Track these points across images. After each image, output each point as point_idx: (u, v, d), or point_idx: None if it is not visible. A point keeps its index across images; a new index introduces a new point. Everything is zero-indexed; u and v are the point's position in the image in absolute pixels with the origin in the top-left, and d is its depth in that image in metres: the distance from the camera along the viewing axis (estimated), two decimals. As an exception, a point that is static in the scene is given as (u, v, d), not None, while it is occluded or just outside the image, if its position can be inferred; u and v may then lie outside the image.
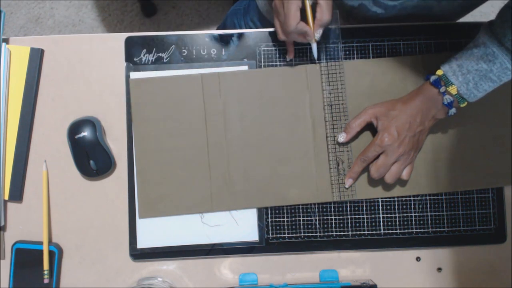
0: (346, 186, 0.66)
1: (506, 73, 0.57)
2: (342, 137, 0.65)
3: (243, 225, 0.67)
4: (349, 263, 0.68)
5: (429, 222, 0.67)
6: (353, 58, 0.69)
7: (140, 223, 0.66)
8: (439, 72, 0.61)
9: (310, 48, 0.67)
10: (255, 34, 0.69)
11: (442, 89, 0.60)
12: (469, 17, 0.76)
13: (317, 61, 0.67)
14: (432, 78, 0.61)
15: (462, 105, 0.61)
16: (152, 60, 0.68)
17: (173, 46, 0.69)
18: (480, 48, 0.58)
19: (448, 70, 0.60)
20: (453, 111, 0.61)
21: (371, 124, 0.64)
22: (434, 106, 0.62)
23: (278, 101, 0.67)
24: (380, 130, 0.62)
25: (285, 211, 0.67)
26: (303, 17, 0.60)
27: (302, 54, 0.68)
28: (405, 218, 0.67)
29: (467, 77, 0.58)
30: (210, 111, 0.67)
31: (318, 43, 0.63)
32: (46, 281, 0.64)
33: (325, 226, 0.67)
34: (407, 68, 0.68)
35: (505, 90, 0.68)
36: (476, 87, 0.59)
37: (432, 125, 0.64)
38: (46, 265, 0.64)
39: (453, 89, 0.59)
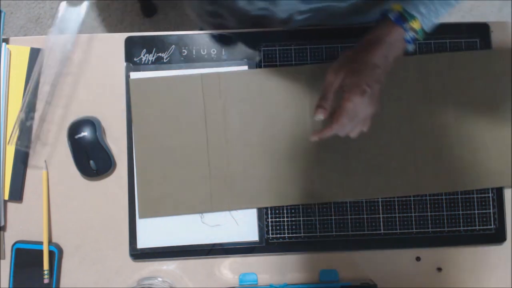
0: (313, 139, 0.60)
1: None
2: (321, 114, 0.57)
3: (243, 225, 0.67)
4: (349, 263, 0.68)
5: (429, 222, 0.67)
6: (353, 58, 0.69)
7: (140, 223, 0.66)
8: (397, 7, 0.57)
9: (309, 49, 0.68)
10: (255, 34, 0.69)
11: (406, 25, 0.57)
12: (469, 17, 0.76)
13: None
14: (393, 15, 0.57)
15: (420, 37, 0.58)
16: (152, 60, 0.68)
17: (173, 46, 0.69)
18: None
19: (407, 4, 0.57)
20: (412, 46, 0.59)
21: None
22: (396, 45, 0.58)
23: (278, 101, 0.67)
24: (347, 91, 0.56)
25: (285, 211, 0.67)
26: None
27: (302, 54, 0.68)
28: (405, 218, 0.67)
29: (430, 7, 0.56)
30: (210, 111, 0.67)
31: None
32: (46, 281, 0.64)
33: (325, 226, 0.67)
34: (407, 68, 0.68)
35: (505, 90, 0.68)
36: (437, 15, 0.56)
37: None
38: (46, 265, 0.64)
39: (416, 23, 0.57)
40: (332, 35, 0.69)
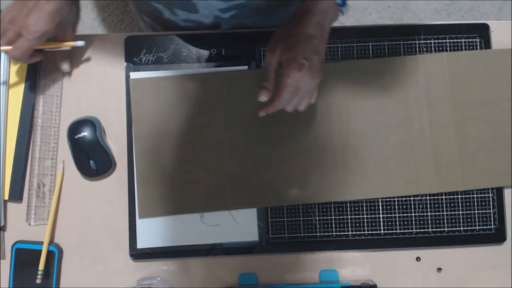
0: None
1: None
2: (264, 95, 0.57)
3: (243, 225, 0.67)
4: (349, 263, 0.68)
5: (429, 222, 0.67)
6: (353, 58, 0.69)
7: (140, 223, 0.66)
8: None
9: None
10: (255, 34, 0.69)
11: None
12: (469, 17, 0.76)
13: None
14: None
15: None
16: (152, 60, 0.68)
17: (173, 46, 0.69)
18: None
19: None
20: (345, 9, 0.57)
21: None
22: (328, 12, 0.56)
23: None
24: (285, 67, 0.55)
25: (285, 211, 0.67)
26: None
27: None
28: (405, 218, 0.67)
29: None
30: (210, 111, 0.67)
31: None
32: (38, 281, 0.64)
33: (325, 226, 0.67)
34: (407, 68, 0.68)
35: (505, 90, 0.68)
36: None
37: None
38: (42, 265, 0.64)
39: None
40: (331, 35, 0.69)
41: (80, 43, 0.64)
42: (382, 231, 0.67)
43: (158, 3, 0.69)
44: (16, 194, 0.66)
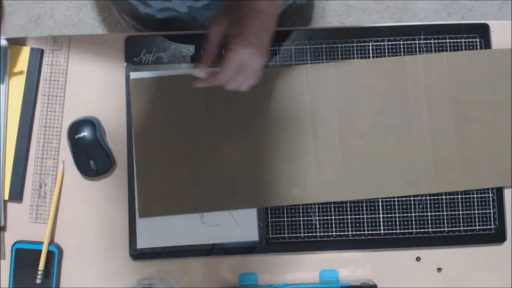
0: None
1: None
2: (199, 68, 0.54)
3: (243, 225, 0.67)
4: (349, 263, 0.68)
5: (429, 222, 0.67)
6: (353, 58, 0.69)
7: (140, 223, 0.66)
8: None
9: (309, 49, 0.68)
10: (255, 34, 0.69)
11: None
12: (469, 17, 0.76)
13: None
14: None
15: None
16: (152, 60, 0.68)
17: (173, 46, 0.69)
18: None
19: None
20: None
21: None
22: None
23: (278, 100, 0.67)
24: (232, 41, 0.52)
25: (285, 211, 0.67)
26: None
27: (302, 54, 0.68)
28: (405, 218, 0.67)
29: None
30: (209, 111, 0.67)
31: None
32: (38, 281, 0.64)
33: (325, 226, 0.67)
34: (407, 68, 0.68)
35: (505, 90, 0.68)
36: None
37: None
38: (42, 266, 0.64)
39: None
40: (331, 35, 0.69)
41: (3, 42, 0.64)
42: (382, 231, 0.67)
43: None
44: (16, 194, 0.66)
